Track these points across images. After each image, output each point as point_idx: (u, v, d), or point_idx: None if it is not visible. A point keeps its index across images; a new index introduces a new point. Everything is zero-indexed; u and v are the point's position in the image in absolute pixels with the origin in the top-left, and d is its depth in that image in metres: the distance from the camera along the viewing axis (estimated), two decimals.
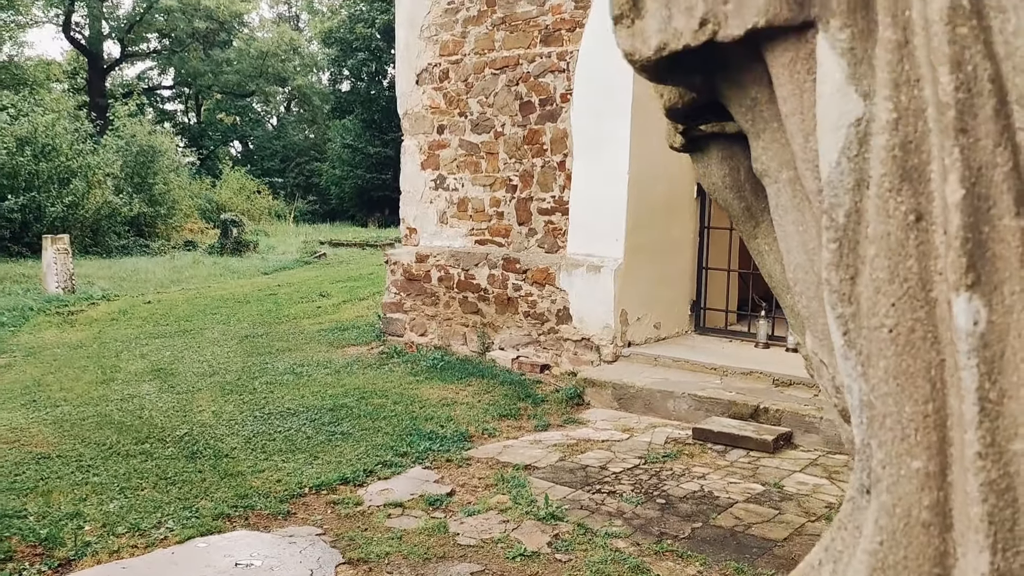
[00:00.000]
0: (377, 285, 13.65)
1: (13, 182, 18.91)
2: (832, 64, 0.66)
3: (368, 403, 7.01)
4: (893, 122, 0.64)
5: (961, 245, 0.64)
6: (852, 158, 0.67)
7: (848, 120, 0.66)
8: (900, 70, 0.64)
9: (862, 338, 0.68)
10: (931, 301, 0.65)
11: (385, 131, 39.00)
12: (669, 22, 0.74)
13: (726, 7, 0.69)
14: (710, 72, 0.76)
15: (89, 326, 11.37)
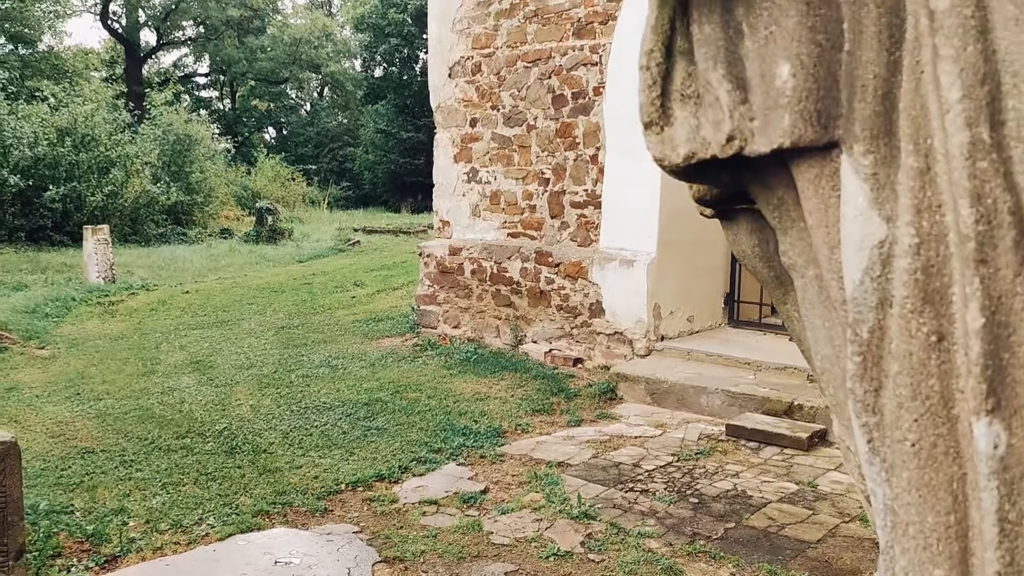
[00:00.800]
0: (410, 274, 13.75)
1: (54, 172, 19.27)
2: (856, 188, 0.68)
3: (403, 397, 7.09)
4: (915, 247, 0.66)
5: (981, 371, 0.65)
6: (875, 278, 0.68)
7: (871, 242, 0.68)
8: (922, 196, 0.66)
9: (886, 447, 0.70)
10: (953, 418, 0.67)
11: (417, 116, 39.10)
12: (697, 131, 0.76)
13: (752, 124, 0.71)
14: (738, 171, 0.78)
15: (129, 316, 11.60)
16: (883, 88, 0.65)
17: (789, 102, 0.68)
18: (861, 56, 0.66)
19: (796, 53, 0.67)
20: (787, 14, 0.68)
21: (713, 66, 0.73)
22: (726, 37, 0.72)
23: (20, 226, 18.76)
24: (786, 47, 0.68)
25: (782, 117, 0.68)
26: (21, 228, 18.78)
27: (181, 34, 42.04)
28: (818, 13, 0.68)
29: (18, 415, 6.74)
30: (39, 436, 6.18)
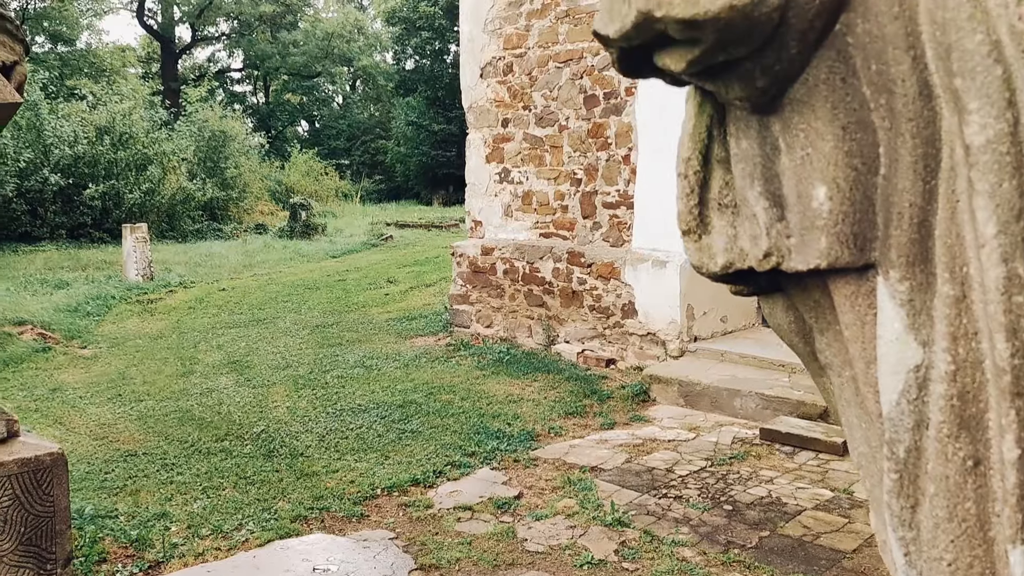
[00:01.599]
0: (443, 270, 13.84)
1: (93, 170, 19.60)
2: (892, 313, 0.69)
3: (436, 399, 7.15)
4: (951, 373, 0.67)
5: (1017, 502, 0.66)
6: (911, 401, 0.70)
7: (907, 366, 0.70)
8: (958, 324, 0.67)
9: (922, 561, 0.71)
10: (989, 540, 0.68)
11: (449, 108, 39.17)
12: (735, 241, 0.78)
13: (789, 242, 0.73)
14: (774, 275, 0.80)
15: (168, 315, 11.79)
16: (919, 216, 0.66)
17: (825, 224, 0.69)
18: (897, 184, 0.67)
19: (832, 176, 0.69)
20: (823, 138, 0.70)
21: (750, 183, 0.74)
22: (763, 153, 0.74)
23: (61, 223, 19.12)
24: (822, 170, 0.69)
25: (819, 239, 0.70)
26: (62, 226, 19.14)
27: (215, 30, 42.45)
28: (854, 138, 0.70)
29: (63, 416, 6.90)
30: (83, 438, 6.33)
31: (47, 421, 6.75)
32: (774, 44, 0.67)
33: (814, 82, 0.70)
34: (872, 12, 0.67)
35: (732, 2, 0.63)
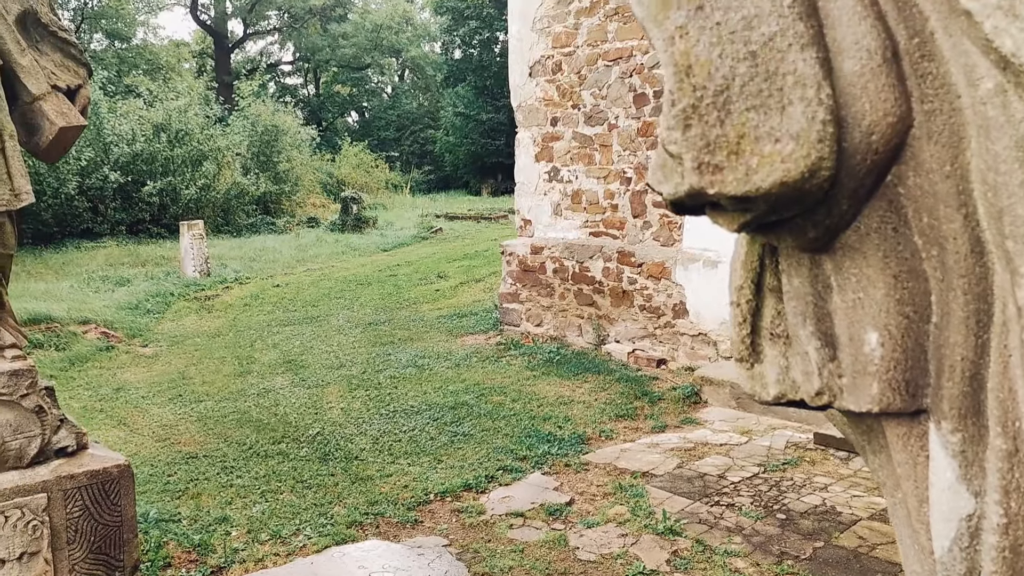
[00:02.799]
0: (493, 264, 13.91)
1: (151, 167, 20.07)
2: (944, 463, 0.70)
3: (487, 401, 7.22)
4: (1003, 526, 0.68)
5: None
6: (964, 548, 0.71)
7: (960, 515, 0.70)
8: (1010, 478, 0.68)
9: None
10: None
11: (497, 97, 39.22)
12: (787, 372, 0.80)
13: (841, 381, 0.74)
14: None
15: (224, 312, 12.06)
16: (971, 370, 0.67)
17: (877, 371, 0.71)
18: (949, 336, 0.68)
19: (884, 323, 0.70)
20: (875, 284, 0.71)
21: (802, 322, 0.76)
22: (814, 291, 0.75)
23: (121, 220, 19.63)
24: (874, 316, 0.71)
25: (871, 385, 0.71)
26: (122, 222, 19.65)
27: (267, 24, 43.00)
28: (906, 286, 0.71)
29: (126, 417, 7.12)
30: (146, 440, 6.53)
31: (112, 422, 6.98)
32: (825, 203, 0.69)
33: (866, 230, 0.71)
34: (924, 168, 0.68)
35: (783, 179, 0.64)
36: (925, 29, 0.68)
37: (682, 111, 0.66)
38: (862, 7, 0.68)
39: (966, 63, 0.66)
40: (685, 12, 0.67)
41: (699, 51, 0.66)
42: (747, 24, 0.67)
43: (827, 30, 0.69)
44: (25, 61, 3.87)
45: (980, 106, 0.65)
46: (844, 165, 0.67)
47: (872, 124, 0.67)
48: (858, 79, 0.67)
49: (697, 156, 0.66)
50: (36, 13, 3.96)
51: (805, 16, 0.67)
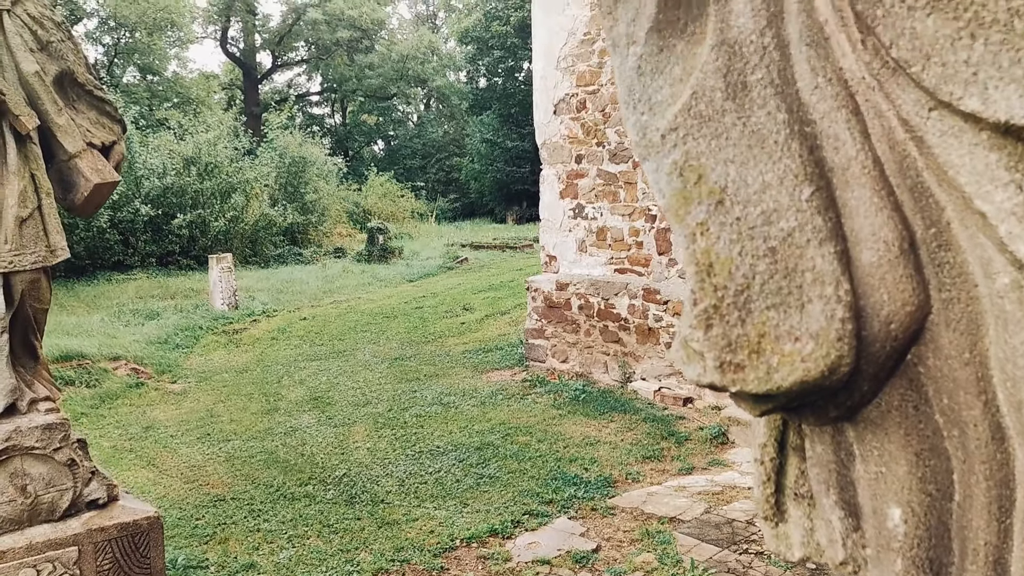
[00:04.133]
0: (518, 296, 13.93)
1: (181, 200, 20.37)
2: None
3: (513, 441, 7.21)
4: None
5: None
6: None
7: None
8: None
9: None
10: None
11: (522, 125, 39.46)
12: (811, 535, 0.80)
13: (865, 552, 0.74)
14: None
15: (252, 346, 12.16)
16: (994, 555, 0.68)
17: (901, 547, 0.71)
18: (972, 520, 0.69)
19: (907, 500, 0.71)
20: (897, 461, 0.72)
21: (825, 491, 0.77)
22: (837, 460, 0.76)
23: (151, 252, 19.91)
24: (897, 492, 0.71)
25: (895, 561, 0.72)
26: (152, 254, 19.93)
27: (295, 55, 43.65)
28: (928, 464, 0.71)
29: (155, 457, 7.19)
30: (175, 481, 6.58)
31: (141, 463, 7.05)
32: (846, 387, 0.70)
33: (887, 407, 0.72)
34: (943, 353, 0.69)
35: (803, 378, 0.66)
36: (941, 219, 0.69)
37: (703, 311, 0.68)
38: (879, 198, 0.69)
39: (982, 255, 0.67)
40: (706, 207, 0.69)
41: (719, 248, 0.68)
42: (766, 219, 0.68)
43: (845, 219, 0.70)
44: (62, 120, 3.97)
45: (997, 299, 0.66)
46: (864, 353, 0.68)
47: (891, 314, 0.68)
48: (876, 270, 0.68)
49: (719, 356, 0.68)
50: (73, 73, 4.06)
51: (823, 209, 0.69)
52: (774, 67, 0.72)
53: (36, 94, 3.91)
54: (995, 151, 0.65)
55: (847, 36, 0.71)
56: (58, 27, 4.04)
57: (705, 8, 0.75)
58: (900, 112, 0.69)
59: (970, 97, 0.64)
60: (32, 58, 3.90)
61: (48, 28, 3.99)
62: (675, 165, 0.71)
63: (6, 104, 3.71)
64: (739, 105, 0.72)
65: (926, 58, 0.65)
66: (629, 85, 0.78)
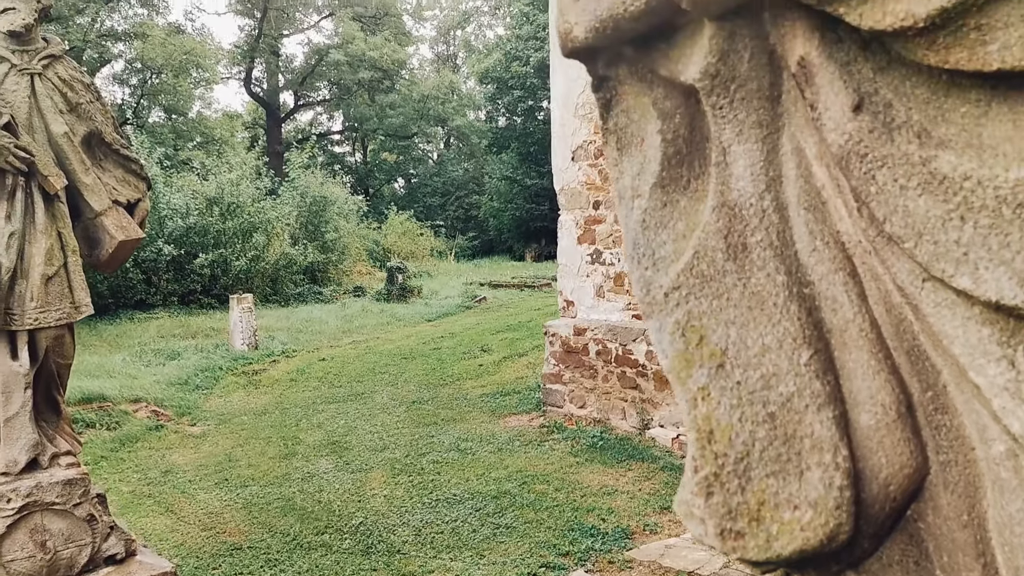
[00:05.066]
0: (536, 336, 13.94)
1: (203, 239, 20.61)
2: None
3: (530, 489, 7.17)
4: None
5: None
6: None
7: None
8: None
9: None
10: None
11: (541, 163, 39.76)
12: None
13: None
14: None
15: (271, 387, 12.21)
16: None
17: None
18: None
19: None
20: None
21: None
22: None
23: (173, 291, 20.11)
24: None
25: None
26: (174, 293, 20.13)
27: (317, 95, 44.31)
28: None
29: (173, 504, 7.21)
30: (192, 529, 6.59)
31: (160, 508, 7.07)
32: (847, 546, 0.71)
33: (888, 561, 0.73)
34: (942, 513, 0.71)
35: (803, 546, 0.67)
36: (938, 383, 0.71)
37: (704, 479, 0.70)
38: (876, 361, 0.71)
39: (978, 421, 0.69)
40: (707, 371, 0.71)
41: (720, 415, 0.70)
42: (766, 383, 0.70)
43: (843, 381, 0.72)
44: (89, 180, 4.06)
45: (994, 465, 0.68)
46: (863, 515, 0.70)
47: (889, 476, 0.70)
48: (874, 433, 0.70)
49: (719, 523, 0.69)
50: (101, 133, 4.16)
51: (821, 372, 0.71)
52: (773, 229, 0.75)
53: (64, 154, 4.01)
54: (987, 325, 0.66)
55: (843, 202, 0.73)
56: (87, 89, 4.15)
57: (707, 167, 0.78)
58: (895, 278, 0.71)
59: (961, 276, 0.66)
60: (61, 119, 4.01)
61: (78, 90, 4.10)
62: (677, 325, 0.74)
63: (35, 165, 3.81)
64: (739, 266, 0.75)
65: (918, 235, 0.67)
66: (634, 239, 0.80)
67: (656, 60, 0.77)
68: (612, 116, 0.83)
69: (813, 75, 0.70)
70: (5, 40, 3.91)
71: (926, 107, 0.67)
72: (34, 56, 3.97)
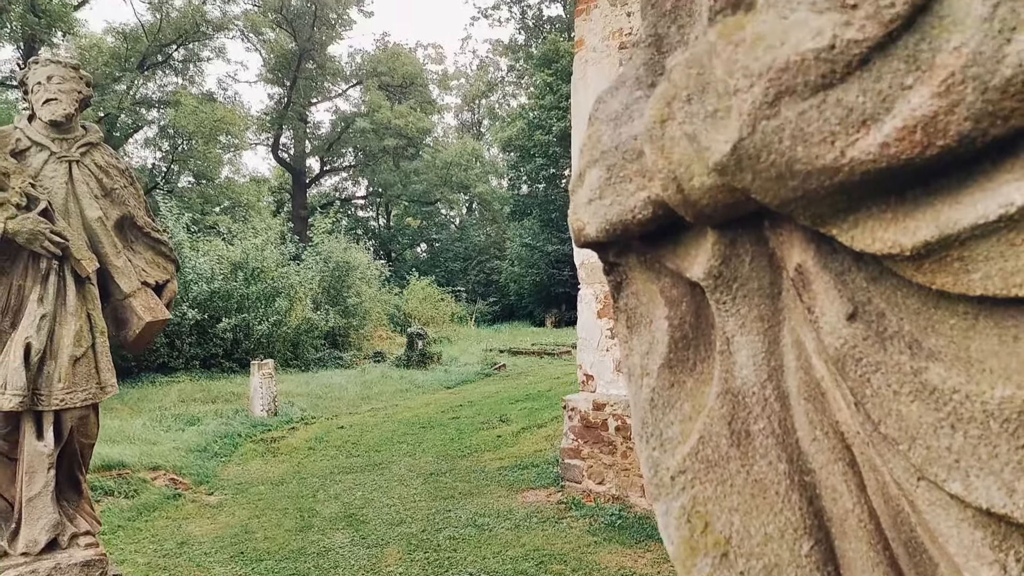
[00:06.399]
0: (555, 407, 13.90)
1: (227, 304, 20.84)
2: None
3: (547, 570, 7.07)
4: None
5: None
6: None
7: None
8: None
9: None
10: None
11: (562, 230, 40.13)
12: None
13: None
14: None
15: (289, 455, 12.20)
16: None
17: None
18: None
19: None
20: None
21: None
22: None
23: (195, 355, 20.27)
24: None
25: None
26: (196, 356, 20.29)
27: (342, 161, 45.15)
28: None
29: None
30: None
31: None
32: None
33: None
34: None
35: None
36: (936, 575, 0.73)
37: None
38: (875, 552, 0.74)
39: None
40: (711, 560, 0.75)
41: None
42: (767, 574, 0.73)
43: (844, 570, 0.75)
44: (120, 262, 4.17)
45: None
46: None
47: None
48: None
49: None
50: (133, 217, 4.29)
51: (822, 564, 0.74)
52: (775, 418, 0.78)
53: (98, 238, 4.13)
54: (980, 528, 0.69)
55: (842, 395, 0.77)
56: (122, 174, 4.30)
57: (712, 352, 0.82)
58: (892, 473, 0.75)
59: (953, 481, 0.69)
60: (96, 204, 4.14)
61: (113, 176, 4.24)
62: (683, 510, 0.77)
63: (69, 249, 3.92)
64: (743, 452, 0.78)
65: (912, 439, 0.71)
66: (643, 417, 0.84)
67: (663, 255, 0.82)
68: (622, 297, 0.88)
69: (810, 282, 0.74)
70: (46, 129, 4.06)
71: (917, 317, 0.71)
72: (73, 144, 4.12)
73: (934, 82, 0.60)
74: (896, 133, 0.62)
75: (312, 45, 40.63)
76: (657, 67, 0.81)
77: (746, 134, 0.66)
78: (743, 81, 0.65)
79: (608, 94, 0.86)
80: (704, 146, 0.68)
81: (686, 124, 0.68)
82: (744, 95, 0.65)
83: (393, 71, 42.56)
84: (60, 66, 4.10)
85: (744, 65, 0.65)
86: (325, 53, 42.07)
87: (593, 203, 0.80)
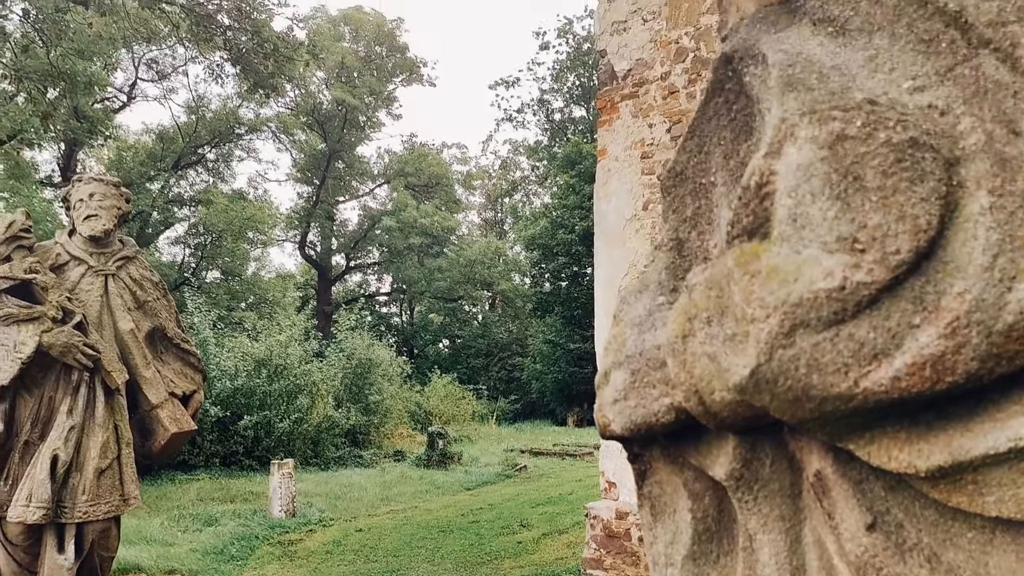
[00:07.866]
0: (576, 511, 13.63)
1: (249, 401, 20.86)
2: None
3: None
4: None
5: None
6: None
7: None
8: None
9: None
10: None
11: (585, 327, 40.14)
12: None
13: None
14: None
15: (306, 560, 11.99)
16: None
17: None
18: None
19: None
20: None
21: None
22: None
23: (216, 452, 20.20)
24: None
25: None
26: (216, 454, 20.21)
27: (368, 258, 45.84)
28: None
29: None
30: None
31: None
32: None
33: None
34: None
35: None
36: None
37: None
38: None
39: None
40: None
41: None
42: None
43: None
44: (148, 374, 4.24)
45: None
46: None
47: None
48: None
49: None
50: (164, 329, 4.38)
51: None
52: None
53: (129, 349, 4.21)
54: None
55: None
56: (155, 287, 4.41)
57: (735, 547, 0.84)
58: None
59: None
60: (129, 316, 4.24)
61: (147, 288, 4.35)
62: None
63: (100, 361, 4.00)
64: None
65: None
66: None
67: (686, 451, 0.84)
68: (647, 484, 0.90)
69: (829, 488, 0.77)
70: (85, 243, 4.20)
71: (935, 530, 0.73)
72: (110, 258, 4.26)
73: (940, 323, 0.63)
74: (907, 368, 0.65)
75: (342, 146, 41.87)
76: (678, 271, 0.86)
77: (763, 360, 0.70)
78: (759, 312, 0.69)
79: (632, 296, 0.91)
80: (724, 368, 0.71)
81: (707, 344, 0.72)
82: (761, 324, 0.69)
83: (420, 171, 43.63)
84: (102, 184, 4.27)
85: (760, 297, 0.70)
86: (354, 153, 43.31)
87: (618, 403, 0.83)
